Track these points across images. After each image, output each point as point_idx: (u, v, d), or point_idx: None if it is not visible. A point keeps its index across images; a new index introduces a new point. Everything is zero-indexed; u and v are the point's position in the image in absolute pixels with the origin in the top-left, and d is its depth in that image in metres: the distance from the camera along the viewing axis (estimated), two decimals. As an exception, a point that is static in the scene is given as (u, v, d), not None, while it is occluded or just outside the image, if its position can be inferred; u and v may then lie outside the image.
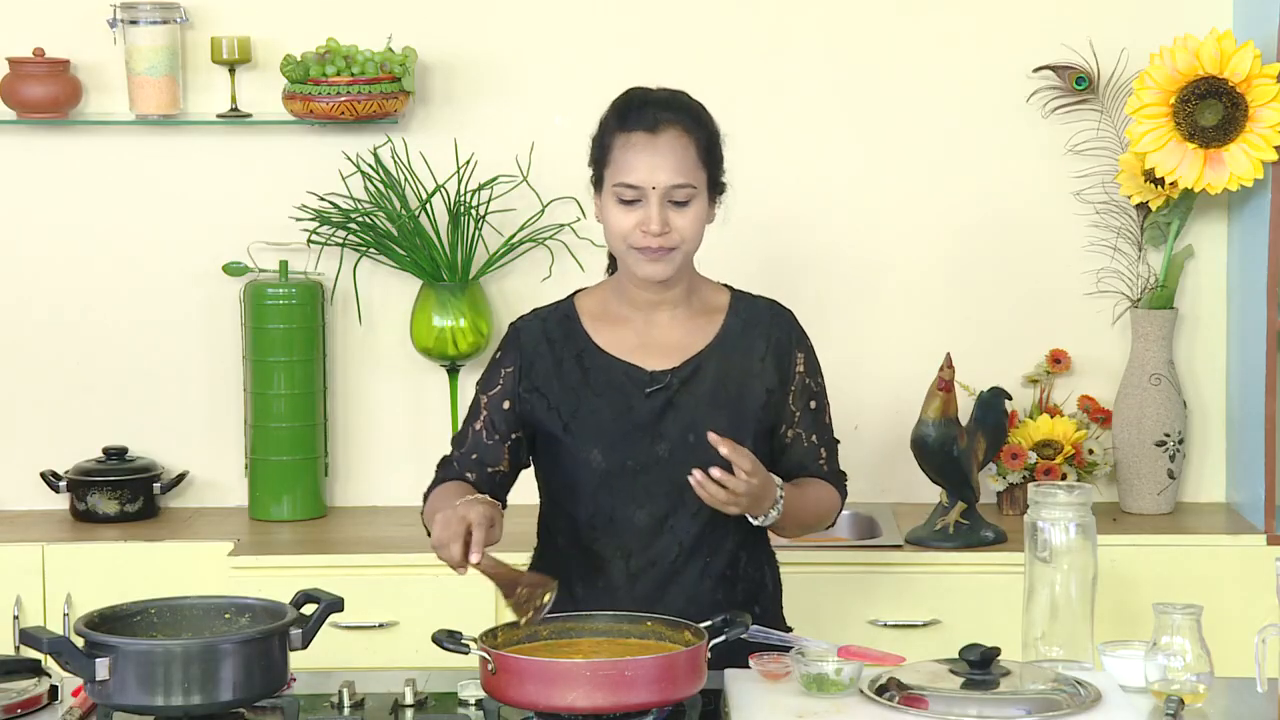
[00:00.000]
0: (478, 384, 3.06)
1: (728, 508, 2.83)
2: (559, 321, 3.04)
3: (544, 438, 3.01)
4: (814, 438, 3.07)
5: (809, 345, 3.08)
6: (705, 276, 3.07)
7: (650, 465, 2.95)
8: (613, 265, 3.09)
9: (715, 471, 2.78)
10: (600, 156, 2.98)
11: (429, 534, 2.93)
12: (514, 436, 3.01)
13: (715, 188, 2.99)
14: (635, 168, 2.91)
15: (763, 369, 3.02)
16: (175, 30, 4.27)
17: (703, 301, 3.05)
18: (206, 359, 4.38)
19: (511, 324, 3.08)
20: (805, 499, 3.00)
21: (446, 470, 3.05)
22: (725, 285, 3.10)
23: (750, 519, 2.90)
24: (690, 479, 2.79)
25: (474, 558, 2.70)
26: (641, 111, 2.95)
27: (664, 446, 2.95)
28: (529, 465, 3.08)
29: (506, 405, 3.01)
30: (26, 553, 4.05)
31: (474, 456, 3.02)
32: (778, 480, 2.90)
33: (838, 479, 3.12)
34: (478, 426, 3.03)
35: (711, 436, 2.80)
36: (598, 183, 2.99)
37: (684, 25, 4.33)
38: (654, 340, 3.01)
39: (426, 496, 3.04)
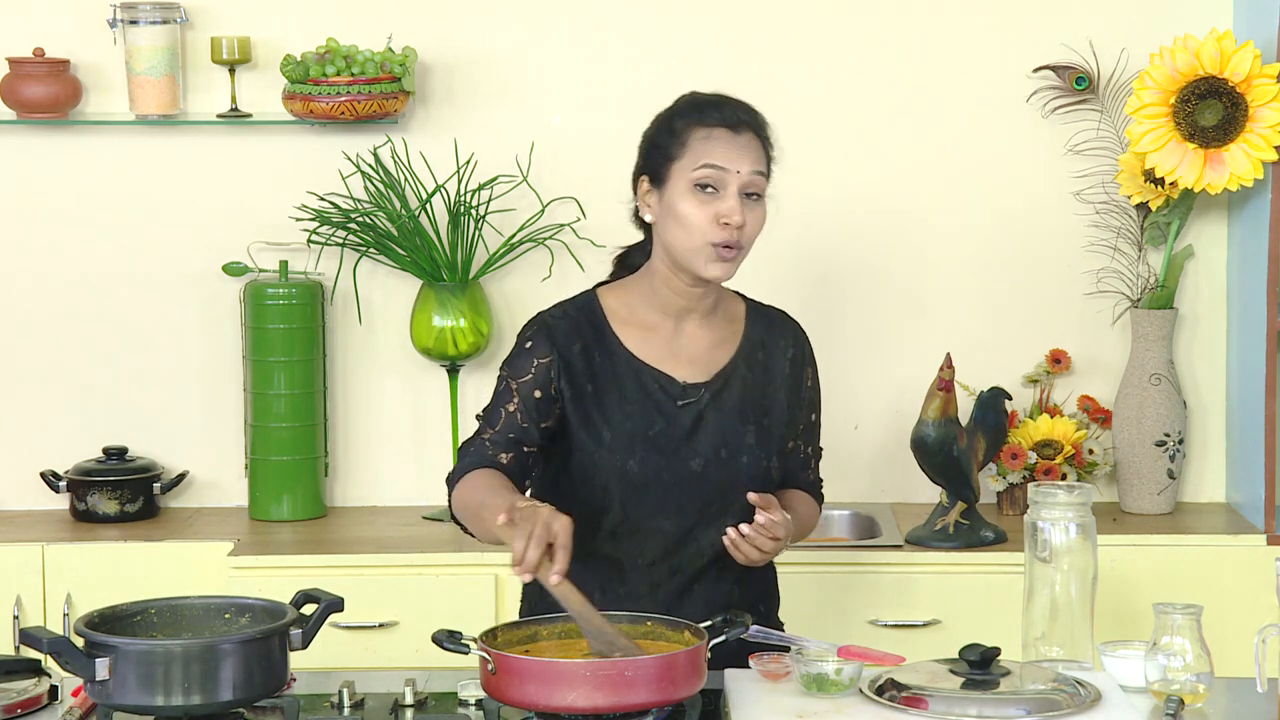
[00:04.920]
0: (504, 369, 2.97)
1: (755, 563, 2.91)
2: (588, 321, 2.98)
3: (573, 442, 2.94)
4: (809, 449, 3.12)
5: (815, 360, 3.10)
6: (722, 284, 3.06)
7: (685, 478, 2.94)
8: (628, 264, 3.06)
9: (745, 528, 2.85)
10: (669, 151, 2.91)
11: (458, 525, 2.90)
12: (543, 425, 2.94)
13: None
14: (718, 153, 2.88)
15: (782, 386, 3.03)
16: (175, 30, 4.27)
17: (725, 310, 3.04)
18: (206, 359, 4.38)
19: (538, 316, 3.00)
20: (800, 523, 3.04)
21: (478, 453, 2.93)
22: (738, 293, 3.09)
23: None
24: (725, 539, 2.87)
25: (554, 579, 2.61)
26: (721, 108, 2.92)
27: (698, 461, 2.95)
28: (551, 450, 3.00)
29: (538, 394, 2.93)
30: (26, 553, 4.04)
31: (510, 436, 2.92)
32: (786, 518, 2.92)
33: (817, 489, 3.17)
34: (511, 408, 2.93)
35: (751, 496, 2.88)
36: (661, 179, 2.92)
37: (684, 26, 4.33)
38: (682, 349, 2.99)
39: (452, 483, 2.93)
